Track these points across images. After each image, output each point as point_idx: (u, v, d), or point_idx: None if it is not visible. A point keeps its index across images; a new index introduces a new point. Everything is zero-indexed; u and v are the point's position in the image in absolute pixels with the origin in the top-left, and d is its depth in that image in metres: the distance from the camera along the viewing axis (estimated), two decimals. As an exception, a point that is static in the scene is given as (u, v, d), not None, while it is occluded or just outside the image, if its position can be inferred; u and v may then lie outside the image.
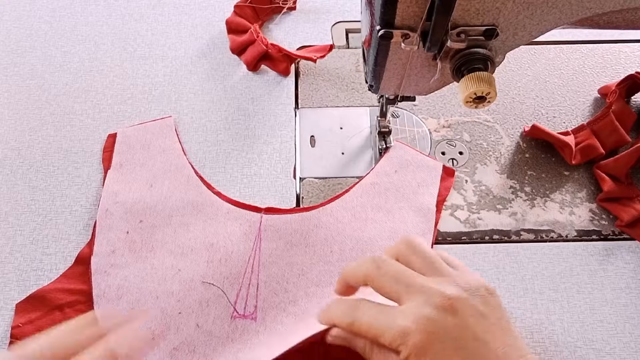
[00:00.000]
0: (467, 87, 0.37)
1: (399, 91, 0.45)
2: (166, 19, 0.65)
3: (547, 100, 0.59)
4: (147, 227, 0.49)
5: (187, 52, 0.62)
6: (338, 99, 0.59)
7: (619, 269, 0.48)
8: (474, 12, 0.35)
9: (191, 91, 0.59)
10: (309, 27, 0.65)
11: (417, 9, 0.35)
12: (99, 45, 0.63)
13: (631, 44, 0.63)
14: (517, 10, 0.36)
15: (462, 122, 0.57)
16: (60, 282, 0.46)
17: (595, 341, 0.45)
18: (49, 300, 0.45)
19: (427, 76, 0.42)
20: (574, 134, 0.55)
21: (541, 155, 0.55)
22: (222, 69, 0.61)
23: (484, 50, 0.37)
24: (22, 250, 0.49)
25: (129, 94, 0.59)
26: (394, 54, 0.39)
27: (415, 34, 0.36)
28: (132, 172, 0.52)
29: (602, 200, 0.52)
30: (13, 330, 0.44)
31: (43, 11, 0.65)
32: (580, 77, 0.61)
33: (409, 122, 0.57)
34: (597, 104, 0.59)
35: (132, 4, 0.66)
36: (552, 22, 0.37)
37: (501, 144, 0.56)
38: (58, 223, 0.50)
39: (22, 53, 0.62)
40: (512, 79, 0.61)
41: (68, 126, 0.56)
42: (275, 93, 0.59)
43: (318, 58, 0.59)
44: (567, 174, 0.54)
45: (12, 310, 0.46)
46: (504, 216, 0.51)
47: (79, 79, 0.60)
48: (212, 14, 0.66)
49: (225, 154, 0.55)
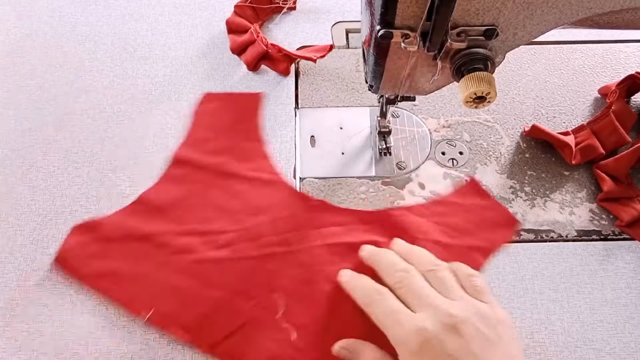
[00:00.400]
0: (467, 87, 0.37)
1: (399, 91, 0.45)
2: (166, 19, 0.65)
3: (547, 100, 0.59)
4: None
5: (187, 52, 0.62)
6: (338, 99, 0.59)
7: (619, 269, 0.48)
8: (474, 12, 0.35)
9: (191, 91, 0.59)
10: (309, 27, 0.65)
11: (417, 9, 0.35)
12: (99, 45, 0.63)
13: (631, 44, 0.63)
14: (517, 10, 0.36)
15: (462, 122, 0.57)
16: (118, 216, 0.50)
17: (595, 341, 0.45)
18: (103, 231, 0.49)
19: (427, 76, 0.42)
20: (574, 134, 0.55)
21: (541, 155, 0.55)
22: (222, 69, 0.61)
23: (484, 50, 0.37)
24: (22, 250, 0.49)
25: (129, 94, 0.59)
26: (394, 54, 0.39)
27: (415, 34, 0.36)
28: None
29: (602, 200, 0.52)
30: (62, 250, 0.48)
31: (43, 11, 0.65)
32: (580, 77, 0.61)
33: (409, 122, 0.57)
34: (597, 104, 0.59)
35: (132, 4, 0.66)
36: (552, 22, 0.37)
37: (501, 144, 0.56)
38: (58, 223, 0.50)
39: (22, 53, 0.62)
40: (512, 79, 0.61)
41: (68, 126, 0.56)
42: (275, 93, 0.59)
43: (318, 58, 0.59)
44: (567, 174, 0.54)
45: (12, 311, 0.46)
46: (504, 216, 0.51)
47: (79, 79, 0.60)
48: (212, 14, 0.66)
49: (225, 154, 0.55)
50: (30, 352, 0.44)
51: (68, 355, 0.44)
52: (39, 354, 0.44)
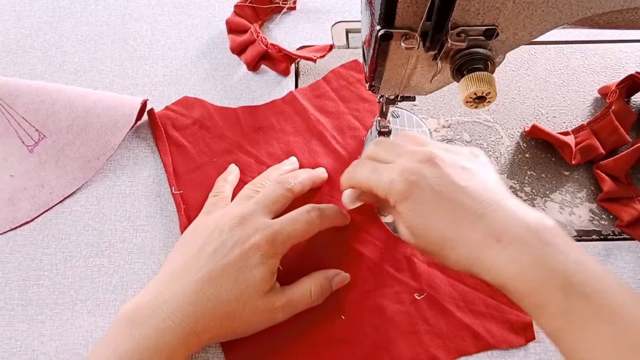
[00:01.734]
0: (467, 87, 0.37)
1: (399, 91, 0.45)
2: (166, 19, 0.65)
3: (547, 100, 0.59)
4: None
5: (187, 52, 0.62)
6: (338, 99, 0.59)
7: (619, 269, 0.48)
8: (474, 12, 0.35)
9: (191, 91, 0.59)
10: (309, 27, 0.65)
11: (417, 9, 0.35)
12: (99, 45, 0.63)
13: (631, 44, 0.63)
14: (517, 10, 0.36)
15: (462, 122, 0.57)
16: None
17: (595, 341, 0.45)
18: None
19: (427, 76, 0.42)
20: (574, 134, 0.55)
21: (541, 155, 0.55)
22: (222, 69, 0.61)
23: (484, 50, 0.37)
24: (22, 250, 0.49)
25: (129, 94, 0.58)
26: (394, 54, 0.39)
27: (415, 34, 0.36)
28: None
29: (602, 200, 0.52)
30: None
31: (43, 11, 0.65)
32: (580, 77, 0.61)
33: (409, 122, 0.57)
34: (597, 104, 0.59)
35: (132, 4, 0.66)
36: (552, 22, 0.37)
37: (501, 144, 0.56)
38: (58, 223, 0.50)
39: (22, 53, 0.62)
40: (512, 79, 0.61)
41: (68, 126, 0.56)
42: (275, 93, 0.59)
43: (318, 58, 0.59)
44: (567, 174, 0.54)
45: (12, 311, 0.46)
46: (504, 216, 0.51)
47: (79, 79, 0.60)
48: (212, 14, 0.66)
49: (225, 154, 0.55)
50: (30, 352, 0.44)
51: (68, 355, 0.44)
52: (39, 354, 0.44)
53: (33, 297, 0.46)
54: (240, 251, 0.40)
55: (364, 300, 0.46)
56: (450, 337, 0.44)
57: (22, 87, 0.54)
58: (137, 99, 0.55)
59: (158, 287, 0.41)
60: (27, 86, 0.55)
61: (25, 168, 0.52)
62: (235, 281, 0.40)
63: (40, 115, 0.53)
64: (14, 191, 0.51)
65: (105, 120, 0.53)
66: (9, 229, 0.50)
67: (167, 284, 0.40)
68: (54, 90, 0.54)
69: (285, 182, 0.47)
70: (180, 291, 0.39)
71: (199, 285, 0.39)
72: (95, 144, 0.53)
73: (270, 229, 0.42)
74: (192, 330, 0.38)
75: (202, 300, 0.39)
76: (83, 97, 0.54)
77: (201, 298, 0.39)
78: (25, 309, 0.46)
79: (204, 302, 0.39)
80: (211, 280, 0.40)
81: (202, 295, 0.39)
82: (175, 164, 0.53)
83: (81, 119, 0.53)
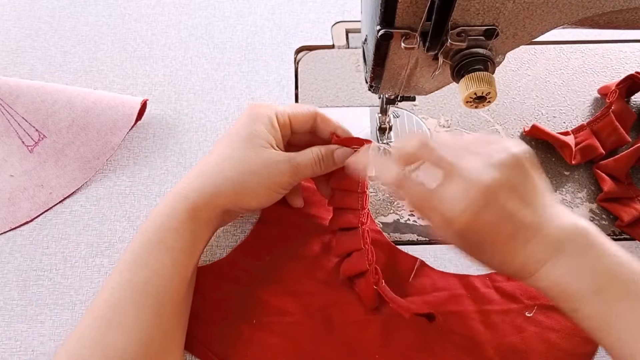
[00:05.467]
0: (467, 87, 0.37)
1: (399, 91, 0.45)
2: (166, 19, 0.65)
3: (547, 100, 0.59)
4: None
5: (187, 52, 0.62)
6: (338, 99, 0.59)
7: (619, 269, 0.48)
8: (474, 12, 0.35)
9: (191, 91, 0.59)
10: (309, 27, 0.65)
11: (417, 9, 0.35)
12: (99, 45, 0.63)
13: (631, 44, 0.63)
14: (517, 10, 0.36)
15: (462, 122, 0.57)
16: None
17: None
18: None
19: (427, 76, 0.42)
20: (574, 134, 0.55)
21: (541, 155, 0.55)
22: (222, 69, 0.61)
23: (484, 50, 0.37)
24: (22, 250, 0.49)
25: (129, 94, 0.58)
26: (394, 54, 0.39)
27: (415, 34, 0.36)
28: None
29: (602, 200, 0.52)
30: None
31: (43, 11, 0.65)
32: (580, 77, 0.61)
33: (409, 122, 0.57)
34: (597, 104, 0.59)
35: (132, 4, 0.66)
36: (552, 22, 0.37)
37: (501, 144, 0.56)
38: (58, 223, 0.50)
39: (22, 53, 0.62)
40: (512, 79, 0.61)
41: (68, 126, 0.56)
42: (275, 93, 0.59)
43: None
44: (567, 174, 0.54)
45: (12, 311, 0.46)
46: (504, 216, 0.51)
47: (79, 79, 0.60)
48: (212, 14, 0.66)
49: (225, 154, 0.55)
50: (30, 352, 0.44)
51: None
52: (39, 354, 0.44)
53: (33, 297, 0.46)
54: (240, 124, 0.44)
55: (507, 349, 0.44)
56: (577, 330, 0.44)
57: (22, 87, 0.54)
58: (137, 99, 0.55)
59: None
60: (27, 86, 0.55)
61: (25, 168, 0.52)
62: (237, 136, 0.43)
63: (40, 115, 0.53)
64: (14, 191, 0.51)
65: (105, 120, 0.53)
66: (8, 229, 0.50)
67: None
68: (54, 90, 0.54)
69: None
70: (191, 173, 0.43)
71: (205, 159, 0.44)
72: (95, 144, 0.53)
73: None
74: (198, 189, 0.41)
75: (207, 166, 0.43)
76: (83, 97, 0.54)
77: (205, 165, 0.43)
78: (25, 309, 0.46)
79: (210, 163, 0.43)
80: (217, 149, 0.44)
81: (207, 162, 0.43)
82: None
83: (81, 119, 0.53)
